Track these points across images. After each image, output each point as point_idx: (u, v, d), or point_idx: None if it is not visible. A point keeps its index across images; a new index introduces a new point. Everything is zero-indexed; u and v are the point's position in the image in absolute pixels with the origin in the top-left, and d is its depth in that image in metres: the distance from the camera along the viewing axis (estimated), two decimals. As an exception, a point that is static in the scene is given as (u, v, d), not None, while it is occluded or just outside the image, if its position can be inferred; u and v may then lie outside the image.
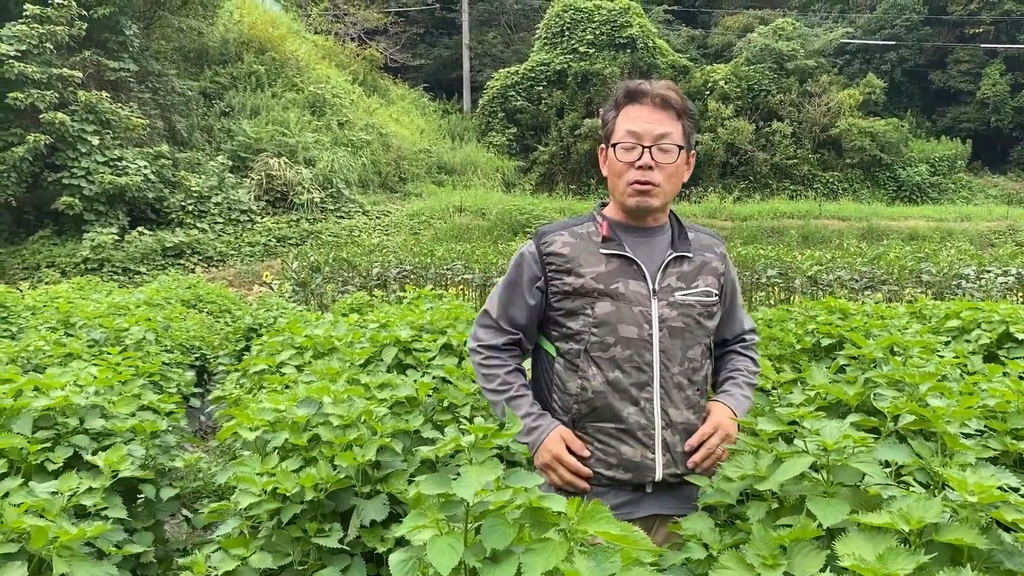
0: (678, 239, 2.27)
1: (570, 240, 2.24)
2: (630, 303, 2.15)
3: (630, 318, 2.14)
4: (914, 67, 36.75)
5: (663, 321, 2.16)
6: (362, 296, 8.48)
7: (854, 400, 2.40)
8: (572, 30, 31.17)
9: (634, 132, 2.18)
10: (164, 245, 18.54)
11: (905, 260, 13.90)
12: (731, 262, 2.41)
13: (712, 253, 2.32)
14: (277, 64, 26.40)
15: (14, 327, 6.90)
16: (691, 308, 2.20)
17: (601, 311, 2.15)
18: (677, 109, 2.21)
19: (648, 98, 2.20)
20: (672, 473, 2.16)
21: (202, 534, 4.07)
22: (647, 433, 2.14)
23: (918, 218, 25.73)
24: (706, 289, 2.24)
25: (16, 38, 17.83)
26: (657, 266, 2.20)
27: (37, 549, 2.28)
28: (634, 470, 2.15)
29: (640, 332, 2.14)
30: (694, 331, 2.20)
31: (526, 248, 2.31)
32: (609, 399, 2.14)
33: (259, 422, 2.87)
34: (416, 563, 1.55)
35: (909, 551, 1.44)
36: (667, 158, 2.19)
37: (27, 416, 3.04)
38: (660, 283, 2.18)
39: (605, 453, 2.16)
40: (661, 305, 2.17)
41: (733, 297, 2.41)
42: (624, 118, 2.22)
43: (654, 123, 2.18)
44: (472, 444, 1.64)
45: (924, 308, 5.24)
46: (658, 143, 2.17)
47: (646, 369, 2.14)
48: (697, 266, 2.26)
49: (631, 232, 2.25)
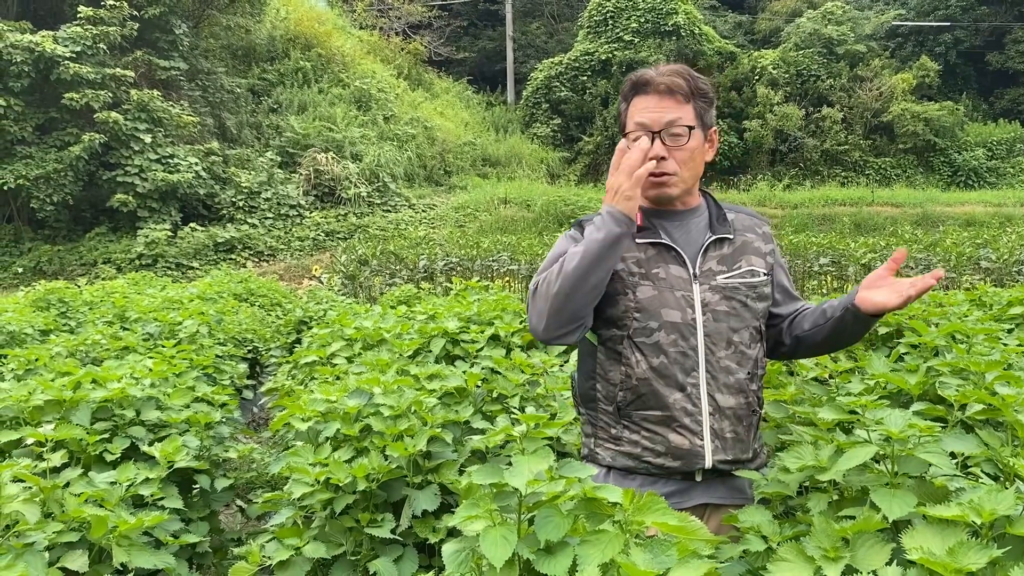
0: (716, 221, 2.22)
1: None
2: (672, 288, 2.11)
3: (673, 302, 2.10)
4: (970, 48, 35.67)
5: (706, 305, 2.11)
6: (409, 288, 8.52)
7: (917, 389, 2.33)
8: (616, 18, 30.89)
9: (642, 123, 2.14)
10: (216, 240, 18.87)
11: (963, 247, 13.53)
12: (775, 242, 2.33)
13: (754, 233, 2.25)
14: (323, 60, 26.64)
15: (73, 321, 7.08)
16: (735, 291, 2.14)
17: (643, 295, 2.11)
18: (684, 93, 2.16)
19: (652, 87, 2.16)
20: (722, 460, 2.10)
21: (256, 524, 4.13)
22: (695, 419, 2.09)
23: (975, 203, 25.03)
24: (750, 269, 2.18)
25: (71, 40, 18.26)
26: (696, 250, 2.16)
27: (97, 538, 2.32)
28: (683, 458, 2.09)
29: (684, 316, 2.09)
30: (740, 314, 2.14)
31: (568, 232, 2.27)
32: (654, 385, 2.09)
33: (311, 413, 2.90)
34: (469, 554, 1.53)
35: (981, 545, 1.38)
36: (678, 142, 2.14)
37: (86, 408, 3.10)
38: (700, 267, 2.14)
39: (652, 441, 2.11)
40: (703, 289, 2.12)
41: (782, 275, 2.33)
42: (633, 109, 2.18)
43: (661, 111, 2.13)
44: (524, 433, 1.62)
45: (984, 295, 5.08)
46: (667, 129, 2.13)
47: (691, 354, 2.09)
48: (739, 247, 2.20)
49: (666, 217, 2.21)
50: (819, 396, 2.67)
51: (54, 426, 2.87)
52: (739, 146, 29.78)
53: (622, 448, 2.15)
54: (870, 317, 2.09)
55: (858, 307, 2.08)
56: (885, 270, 2.08)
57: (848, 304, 2.12)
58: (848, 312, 2.11)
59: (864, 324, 2.15)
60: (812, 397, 2.68)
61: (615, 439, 2.15)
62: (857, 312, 2.09)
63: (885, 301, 2.03)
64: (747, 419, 2.15)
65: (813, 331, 2.21)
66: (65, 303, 7.80)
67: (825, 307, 2.21)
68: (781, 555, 1.59)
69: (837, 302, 2.18)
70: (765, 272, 2.21)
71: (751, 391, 2.16)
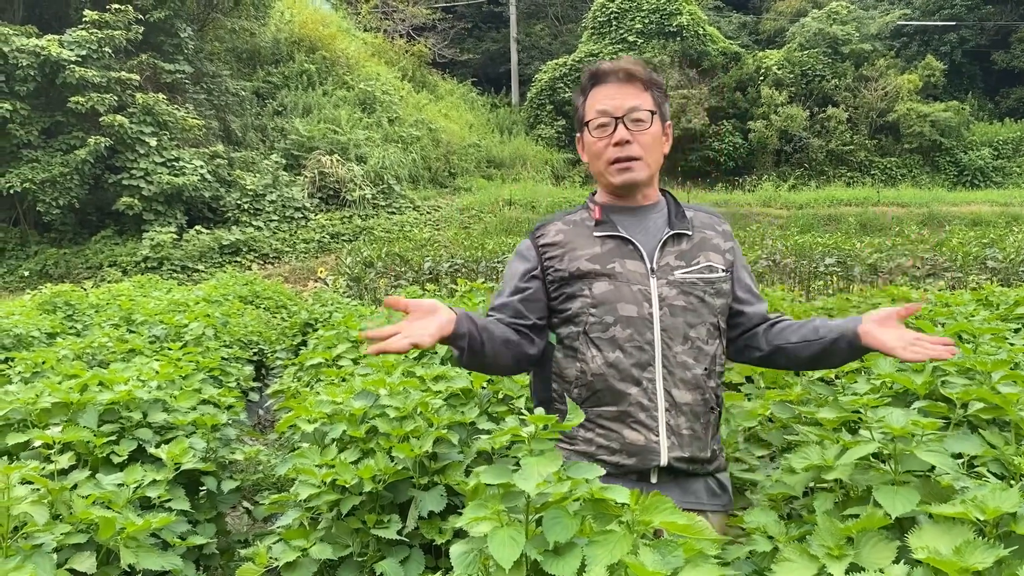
0: (675, 217, 2.22)
1: (563, 228, 2.22)
2: (628, 282, 2.10)
3: (629, 296, 2.09)
4: (975, 48, 35.55)
5: (663, 300, 2.10)
6: (415, 290, 8.53)
7: (922, 389, 2.32)
8: (620, 19, 30.88)
9: (603, 110, 2.16)
10: (221, 243, 18.91)
11: (969, 246, 13.48)
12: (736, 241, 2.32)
13: (713, 231, 2.25)
14: (328, 62, 26.68)
15: (79, 324, 7.10)
16: (693, 286, 2.13)
17: (599, 290, 2.10)
18: (643, 80, 2.18)
19: (612, 76, 2.18)
20: (678, 457, 2.08)
21: (263, 525, 4.14)
22: (650, 415, 2.07)
23: (981, 203, 24.95)
24: (709, 265, 2.17)
25: (76, 43, 18.32)
26: (654, 245, 2.15)
27: (105, 540, 2.33)
28: (638, 454, 2.07)
29: (640, 311, 2.08)
30: (698, 309, 2.13)
31: (522, 243, 2.29)
32: (610, 381, 2.08)
33: (317, 414, 2.90)
34: (477, 555, 1.54)
35: (988, 544, 1.38)
36: (641, 127, 2.16)
37: (93, 410, 3.11)
38: (658, 262, 2.13)
39: (607, 438, 2.09)
40: (660, 284, 2.11)
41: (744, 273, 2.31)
42: (592, 99, 2.20)
43: (622, 97, 2.15)
44: (532, 435, 1.63)
45: (991, 295, 5.07)
46: (629, 114, 2.14)
47: (647, 348, 2.07)
48: (697, 243, 2.19)
49: (624, 213, 2.21)
50: (825, 396, 2.67)
51: (61, 428, 2.88)
52: (744, 147, 29.73)
53: (576, 447, 2.13)
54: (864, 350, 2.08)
55: (859, 338, 2.06)
56: (896, 312, 2.06)
57: (848, 332, 2.09)
58: (844, 339, 2.09)
59: (855, 356, 2.14)
60: (818, 397, 2.68)
61: (569, 438, 2.13)
62: (855, 343, 2.07)
63: (892, 345, 1.99)
64: (704, 416, 2.13)
65: (800, 345, 2.19)
66: (71, 306, 7.83)
67: (817, 325, 2.18)
68: (785, 555, 1.59)
69: (833, 324, 2.15)
70: (724, 269, 2.21)
71: (708, 388, 2.14)
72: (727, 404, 2.80)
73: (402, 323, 1.89)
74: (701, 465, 2.13)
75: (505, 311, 2.19)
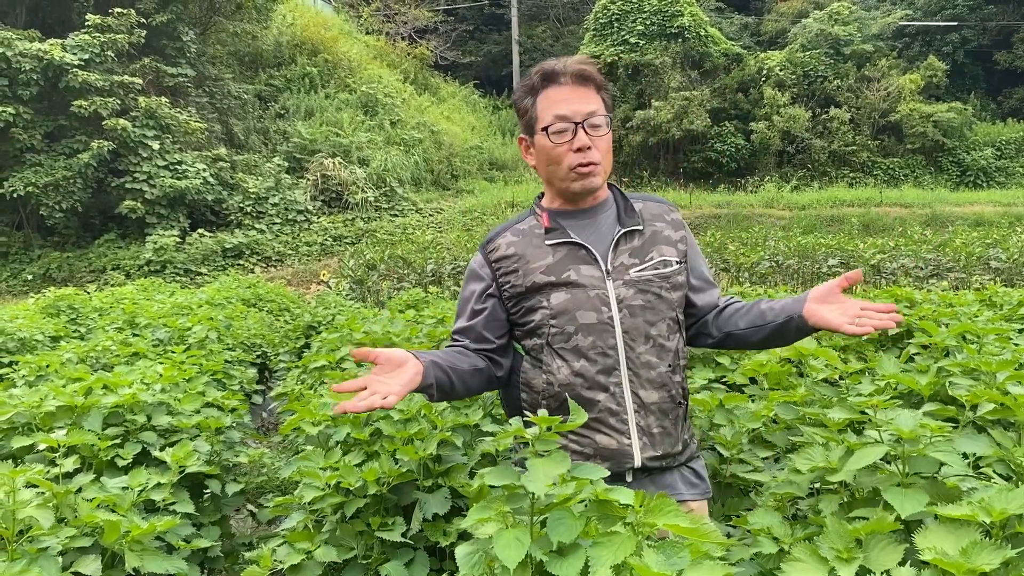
0: (624, 214, 2.19)
1: (513, 239, 2.18)
2: (585, 288, 2.08)
3: (587, 303, 2.07)
4: (977, 48, 35.54)
5: (621, 301, 2.08)
6: (417, 292, 8.53)
7: (927, 390, 2.32)
8: (622, 21, 30.88)
9: (562, 115, 2.10)
10: (224, 246, 18.93)
11: (972, 247, 13.47)
12: (687, 227, 2.29)
13: (663, 222, 2.22)
14: (330, 65, 26.72)
15: (83, 328, 7.10)
16: (649, 283, 2.11)
17: (557, 301, 2.08)
18: (596, 83, 2.15)
19: (566, 76, 2.13)
20: (651, 456, 2.08)
21: (267, 528, 4.14)
22: (620, 419, 2.06)
23: (984, 203, 24.93)
24: (663, 259, 2.15)
25: (79, 47, 18.37)
26: (607, 246, 2.13)
27: (110, 543, 2.33)
28: (611, 458, 2.06)
29: (599, 316, 2.07)
30: (656, 306, 2.11)
31: (474, 260, 2.26)
32: (577, 390, 2.06)
33: (321, 417, 2.90)
34: (482, 556, 1.53)
35: (995, 545, 1.37)
36: (599, 132, 2.12)
37: (97, 413, 3.11)
38: (612, 263, 2.11)
39: (580, 444, 2.08)
40: (617, 285, 2.09)
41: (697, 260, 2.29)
42: (547, 102, 2.13)
43: (579, 101, 2.11)
44: (537, 436, 1.62)
45: (995, 295, 5.07)
46: (588, 120, 2.10)
47: (611, 353, 2.06)
48: (649, 238, 2.17)
49: (573, 217, 2.18)
50: (829, 397, 2.67)
51: (66, 432, 2.88)
52: (746, 148, 29.72)
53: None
54: (813, 329, 2.07)
55: (804, 319, 2.05)
56: (836, 286, 2.04)
57: (794, 314, 2.08)
58: (792, 321, 2.08)
59: (804, 335, 2.13)
60: (822, 398, 2.68)
61: None
62: (802, 324, 2.06)
63: (837, 322, 1.98)
64: (672, 412, 2.12)
65: (748, 331, 2.18)
66: (75, 310, 7.84)
67: (764, 308, 2.17)
68: (795, 556, 1.59)
69: (779, 306, 2.14)
70: (678, 260, 2.18)
71: (674, 383, 2.13)
72: (731, 405, 2.80)
73: (370, 377, 1.89)
74: (674, 459, 2.13)
75: (468, 335, 2.19)
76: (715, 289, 2.31)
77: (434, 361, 2.04)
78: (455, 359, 2.11)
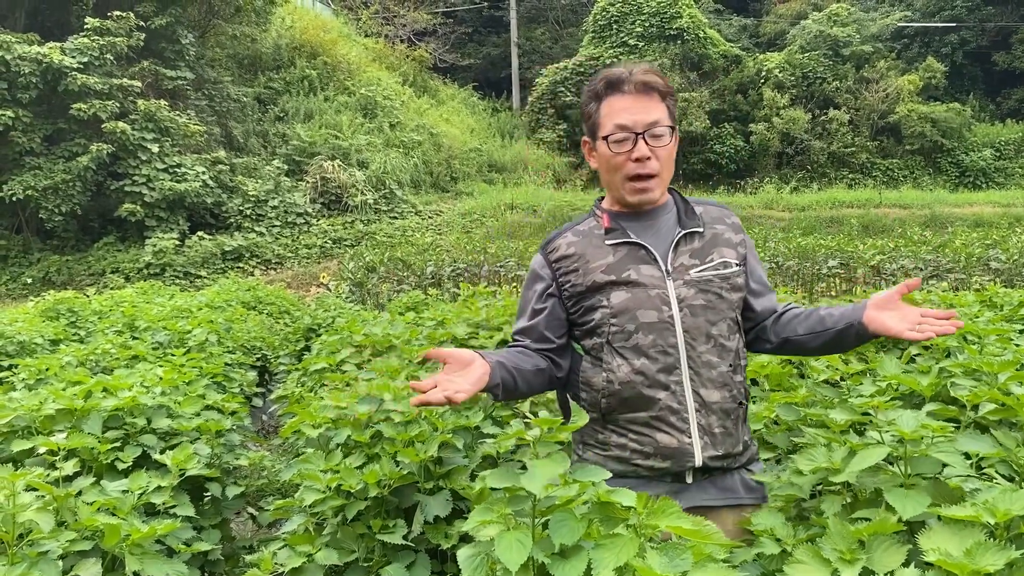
0: (685, 216, 2.21)
1: (574, 239, 2.22)
2: (645, 287, 2.10)
3: (647, 302, 2.09)
4: (976, 49, 35.56)
5: (682, 301, 2.10)
6: (417, 295, 8.52)
7: (929, 390, 2.32)
8: (621, 23, 30.91)
9: (623, 125, 2.12)
10: (223, 249, 18.91)
11: (972, 247, 13.47)
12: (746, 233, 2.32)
13: (723, 224, 2.25)
14: (329, 68, 26.72)
15: (83, 331, 7.10)
16: (710, 283, 2.13)
17: (617, 300, 2.11)
18: (660, 91, 2.16)
19: (630, 86, 2.14)
20: (712, 456, 2.09)
21: (267, 531, 4.13)
22: (681, 418, 2.07)
23: (984, 204, 24.93)
24: (723, 261, 2.17)
25: (78, 51, 18.36)
26: (667, 247, 2.15)
27: (110, 547, 2.32)
28: (672, 457, 2.08)
29: (660, 315, 2.09)
30: (717, 306, 2.13)
31: (534, 260, 2.30)
32: (638, 388, 2.08)
33: (321, 419, 2.90)
34: (484, 559, 1.53)
35: (999, 546, 1.37)
36: (661, 143, 2.14)
37: (97, 416, 3.11)
38: (672, 263, 2.13)
39: (640, 443, 2.10)
40: (677, 285, 2.11)
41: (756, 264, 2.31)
42: (609, 109, 2.15)
43: (641, 111, 2.12)
44: (537, 438, 1.62)
45: (995, 296, 5.06)
46: (650, 130, 2.12)
47: (672, 352, 2.08)
48: (709, 240, 2.19)
49: (633, 218, 2.21)
50: (831, 398, 2.66)
51: (66, 435, 2.88)
52: (745, 149, 29.73)
53: (610, 453, 2.14)
54: (872, 336, 2.08)
55: (865, 326, 2.06)
56: (896, 293, 2.05)
57: (855, 321, 2.09)
58: (853, 328, 2.10)
59: (864, 341, 2.14)
60: (824, 399, 2.68)
61: (603, 444, 2.15)
62: (862, 330, 2.08)
63: (897, 329, 1.99)
64: (734, 412, 2.14)
65: (807, 336, 2.20)
66: (74, 313, 7.83)
67: (824, 315, 2.18)
68: (797, 557, 1.59)
69: (838, 313, 2.15)
70: (737, 263, 2.20)
71: (735, 383, 2.14)
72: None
73: (440, 376, 1.92)
74: (734, 459, 2.14)
75: (529, 335, 2.23)
76: (772, 294, 2.33)
77: (500, 361, 2.07)
78: (518, 359, 2.15)
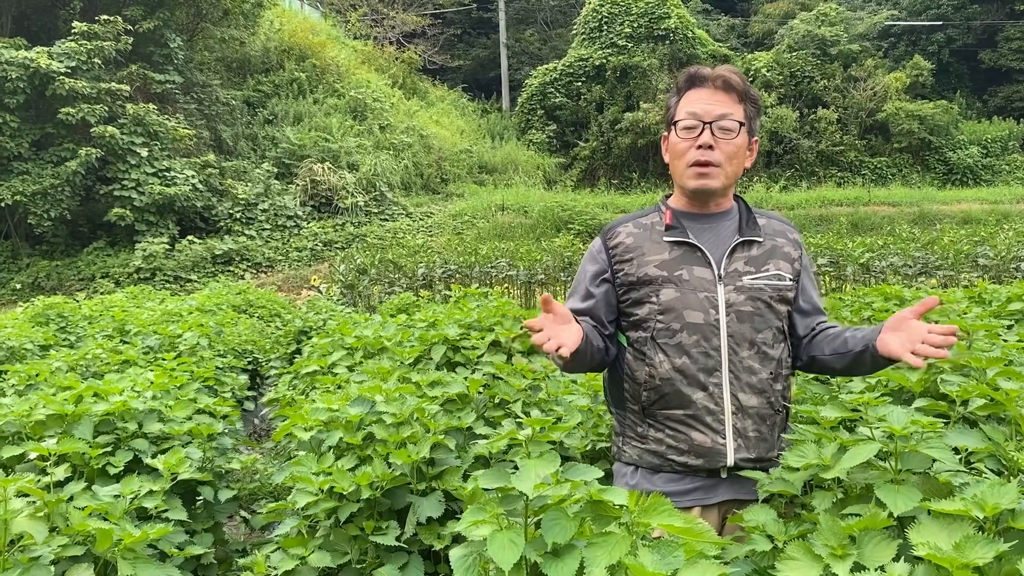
0: (746, 224, 2.24)
1: (634, 231, 2.25)
2: (695, 289, 2.13)
3: (695, 304, 2.12)
4: (963, 47, 35.76)
5: (730, 306, 2.13)
6: (408, 296, 8.51)
7: (918, 386, 2.33)
8: (610, 24, 30.95)
9: (694, 112, 2.17)
10: (214, 253, 18.85)
11: (960, 244, 13.55)
12: (806, 250, 2.34)
13: (784, 239, 2.27)
14: (318, 71, 26.67)
15: (73, 336, 7.07)
16: (761, 292, 2.16)
17: (665, 297, 2.14)
18: (739, 91, 2.20)
19: (709, 81, 2.20)
20: (744, 458, 2.13)
21: (261, 534, 4.12)
22: (716, 418, 2.11)
23: (971, 201, 25.07)
24: (778, 273, 2.20)
25: (66, 55, 18.28)
26: (723, 252, 2.18)
27: (102, 551, 2.31)
28: (705, 456, 2.12)
29: (706, 317, 2.12)
30: (764, 314, 2.16)
31: (593, 244, 2.33)
32: (677, 385, 2.12)
33: (313, 422, 2.89)
34: (477, 559, 1.53)
35: (988, 539, 1.38)
36: (728, 136, 2.17)
37: (88, 421, 3.10)
38: (726, 268, 2.16)
39: (676, 440, 2.14)
40: (728, 290, 2.14)
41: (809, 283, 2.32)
42: (685, 100, 2.21)
43: (714, 104, 2.17)
44: (529, 438, 1.62)
45: (983, 292, 5.08)
46: (718, 121, 2.15)
47: (713, 354, 2.11)
48: (767, 250, 2.22)
49: (695, 219, 2.24)
50: (821, 395, 2.68)
51: (56, 440, 2.86)
52: (735, 148, 29.76)
53: (648, 446, 2.18)
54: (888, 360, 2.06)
55: (877, 349, 2.06)
56: (910, 313, 2.01)
57: (869, 343, 2.09)
58: (867, 351, 2.10)
59: (881, 366, 2.12)
60: (814, 396, 2.69)
61: (641, 437, 2.20)
62: (876, 354, 2.07)
63: (899, 352, 1.97)
64: (771, 418, 2.17)
65: (831, 358, 2.22)
66: (64, 318, 7.80)
67: (847, 336, 2.18)
68: (789, 553, 1.59)
69: (860, 335, 2.15)
70: (792, 278, 2.23)
71: (774, 390, 2.18)
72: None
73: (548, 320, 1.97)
74: (768, 463, 2.16)
75: (588, 317, 2.24)
76: (821, 316, 2.32)
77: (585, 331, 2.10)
78: (592, 334, 2.17)
